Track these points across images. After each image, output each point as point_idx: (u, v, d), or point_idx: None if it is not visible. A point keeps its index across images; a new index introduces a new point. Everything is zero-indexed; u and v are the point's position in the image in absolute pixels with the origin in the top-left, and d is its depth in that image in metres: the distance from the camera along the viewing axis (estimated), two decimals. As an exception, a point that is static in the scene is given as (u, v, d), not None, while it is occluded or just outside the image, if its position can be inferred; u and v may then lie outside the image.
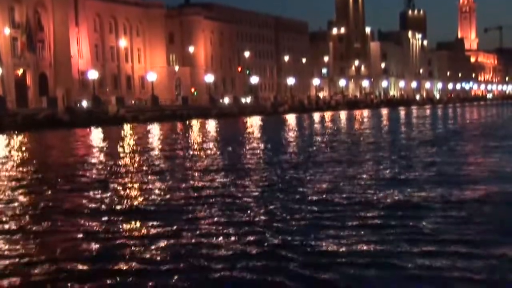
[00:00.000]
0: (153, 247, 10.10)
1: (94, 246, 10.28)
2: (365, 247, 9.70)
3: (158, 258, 9.39)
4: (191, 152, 29.81)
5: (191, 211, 13.24)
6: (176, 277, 8.43)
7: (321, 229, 11.02)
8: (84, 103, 73.19)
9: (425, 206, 13.00)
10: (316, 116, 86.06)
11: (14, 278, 8.30)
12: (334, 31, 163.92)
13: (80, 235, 11.09)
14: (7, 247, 10.25)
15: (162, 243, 10.34)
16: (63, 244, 10.40)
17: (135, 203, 14.74)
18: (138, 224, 12.08)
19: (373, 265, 8.71)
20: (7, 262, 9.25)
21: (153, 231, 11.37)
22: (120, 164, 24.89)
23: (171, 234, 10.97)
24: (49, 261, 9.32)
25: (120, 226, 11.89)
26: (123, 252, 9.82)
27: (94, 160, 26.89)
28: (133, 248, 10.10)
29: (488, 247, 9.44)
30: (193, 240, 10.49)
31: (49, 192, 16.95)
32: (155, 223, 11.99)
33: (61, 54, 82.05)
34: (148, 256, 9.55)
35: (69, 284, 8.04)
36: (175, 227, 11.54)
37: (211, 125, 63.74)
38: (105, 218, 12.67)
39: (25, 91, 77.73)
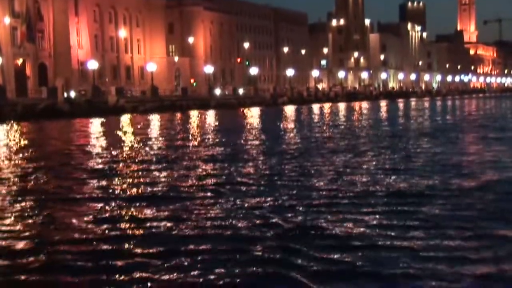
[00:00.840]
0: (159, 230, 10.33)
1: (98, 230, 10.50)
2: (370, 230, 9.94)
3: (166, 241, 9.62)
4: (193, 142, 30.00)
5: (197, 197, 13.46)
6: (183, 259, 8.65)
7: (326, 213, 11.27)
8: (72, 94, 72.99)
9: (427, 194, 13.25)
10: (316, 107, 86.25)
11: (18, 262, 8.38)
12: (334, 22, 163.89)
13: (83, 219, 11.31)
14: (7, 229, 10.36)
15: (168, 226, 10.56)
16: (66, 228, 10.62)
17: (140, 190, 14.95)
18: (144, 209, 12.30)
19: (380, 246, 8.96)
20: (12, 244, 9.43)
21: (159, 215, 11.59)
22: (123, 153, 25.09)
23: (176, 218, 11.20)
24: (55, 243, 9.55)
25: (124, 212, 12.10)
26: (130, 235, 10.04)
27: (96, 149, 27.09)
28: (141, 231, 10.32)
29: (486, 229, 9.73)
30: (201, 223, 10.72)
31: (53, 180, 17.17)
32: (161, 207, 12.22)
33: (60, 44, 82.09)
34: (156, 239, 9.78)
35: (74, 268, 8.21)
36: (180, 211, 11.77)
37: (211, 116, 63.92)
38: (109, 204, 12.88)
39: (24, 81, 77.75)
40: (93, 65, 78.77)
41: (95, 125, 50.45)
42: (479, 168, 17.41)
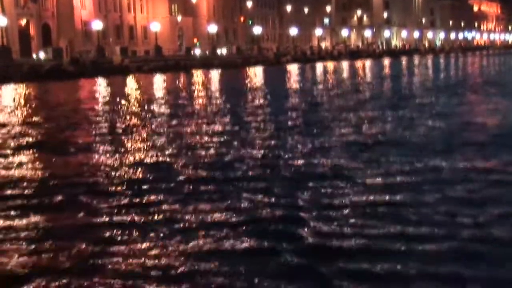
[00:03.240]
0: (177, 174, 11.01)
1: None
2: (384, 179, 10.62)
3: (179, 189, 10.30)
4: (202, 101, 30.58)
5: (210, 153, 14.14)
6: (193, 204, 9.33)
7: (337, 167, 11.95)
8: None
9: (430, 145, 13.90)
10: (319, 66, 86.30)
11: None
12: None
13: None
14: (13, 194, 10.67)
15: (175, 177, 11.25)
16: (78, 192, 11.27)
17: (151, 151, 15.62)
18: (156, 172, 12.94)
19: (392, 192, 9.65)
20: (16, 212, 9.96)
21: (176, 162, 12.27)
22: (138, 112, 25.69)
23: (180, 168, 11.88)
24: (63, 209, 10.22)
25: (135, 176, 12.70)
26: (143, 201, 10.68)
27: (106, 108, 27.69)
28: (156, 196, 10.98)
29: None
30: (213, 173, 11.40)
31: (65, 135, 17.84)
32: (177, 157, 12.88)
33: (64, 5, 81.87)
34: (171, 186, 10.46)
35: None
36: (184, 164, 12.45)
37: (215, 75, 64.21)
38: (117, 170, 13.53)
39: (28, 41, 77.85)
40: (97, 25, 78.69)
41: (102, 85, 50.88)
42: (480, 116, 18.02)
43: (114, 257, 7.04)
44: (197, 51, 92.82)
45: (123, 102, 30.88)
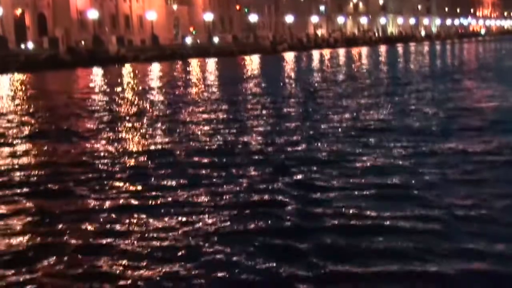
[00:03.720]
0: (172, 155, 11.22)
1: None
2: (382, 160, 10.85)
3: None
4: (200, 89, 30.72)
5: (213, 136, 14.35)
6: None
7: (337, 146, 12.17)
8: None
9: (428, 130, 14.12)
10: (316, 54, 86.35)
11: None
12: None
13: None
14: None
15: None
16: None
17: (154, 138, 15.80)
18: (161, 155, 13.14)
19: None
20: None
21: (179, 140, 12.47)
22: (136, 101, 25.85)
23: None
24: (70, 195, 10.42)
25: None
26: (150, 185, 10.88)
27: (104, 98, 27.82)
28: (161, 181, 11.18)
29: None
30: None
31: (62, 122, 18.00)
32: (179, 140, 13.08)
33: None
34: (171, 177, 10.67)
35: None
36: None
37: (211, 64, 64.26)
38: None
39: (24, 31, 77.66)
40: (93, 14, 78.51)
41: (99, 75, 50.92)
42: (481, 107, 18.24)
43: (118, 238, 7.29)
44: (188, 40, 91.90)
45: (123, 91, 31.00)
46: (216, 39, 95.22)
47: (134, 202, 8.96)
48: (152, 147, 13.49)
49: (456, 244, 6.68)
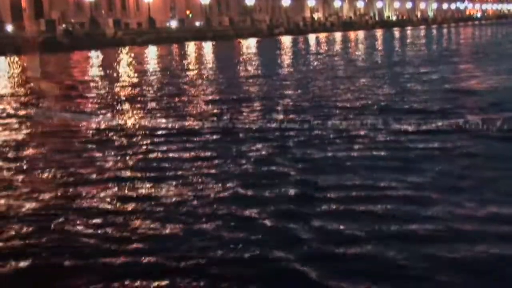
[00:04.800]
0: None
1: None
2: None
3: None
4: (201, 70, 30.96)
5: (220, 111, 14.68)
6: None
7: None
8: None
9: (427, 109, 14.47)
10: (312, 37, 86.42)
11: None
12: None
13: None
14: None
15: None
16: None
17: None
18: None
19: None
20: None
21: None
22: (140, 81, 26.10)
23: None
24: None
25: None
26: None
27: (103, 81, 28.04)
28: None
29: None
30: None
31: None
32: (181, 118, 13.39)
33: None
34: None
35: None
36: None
37: (209, 47, 64.36)
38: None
39: (20, 13, 77.43)
40: (89, -4, 78.25)
41: (97, 57, 51.00)
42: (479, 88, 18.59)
43: (140, 202, 7.77)
44: (173, 23, 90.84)
45: (123, 73, 31.21)
46: (212, 23, 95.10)
47: (148, 174, 9.35)
48: (155, 125, 13.79)
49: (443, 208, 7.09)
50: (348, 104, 16.18)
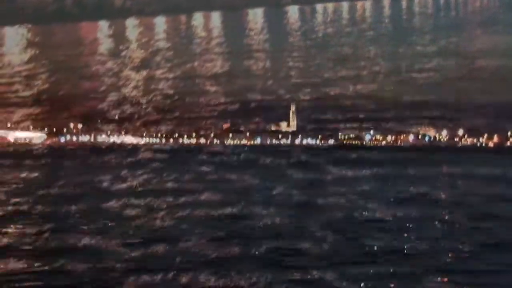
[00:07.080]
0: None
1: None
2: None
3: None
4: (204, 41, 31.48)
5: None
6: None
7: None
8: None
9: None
10: (319, 7, 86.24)
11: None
12: None
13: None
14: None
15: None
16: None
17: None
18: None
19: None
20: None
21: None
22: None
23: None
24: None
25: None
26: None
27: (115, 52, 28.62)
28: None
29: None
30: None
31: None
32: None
33: None
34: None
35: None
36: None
37: (216, 18, 64.50)
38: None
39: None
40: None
41: (107, 28, 51.30)
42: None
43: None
44: None
45: (132, 46, 31.72)
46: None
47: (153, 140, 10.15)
48: (167, 92, 14.55)
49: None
50: (360, 71, 16.82)
